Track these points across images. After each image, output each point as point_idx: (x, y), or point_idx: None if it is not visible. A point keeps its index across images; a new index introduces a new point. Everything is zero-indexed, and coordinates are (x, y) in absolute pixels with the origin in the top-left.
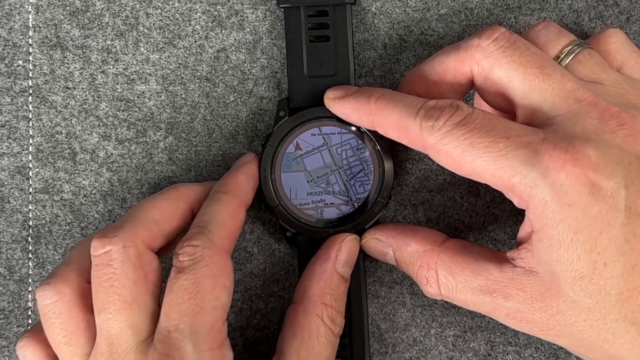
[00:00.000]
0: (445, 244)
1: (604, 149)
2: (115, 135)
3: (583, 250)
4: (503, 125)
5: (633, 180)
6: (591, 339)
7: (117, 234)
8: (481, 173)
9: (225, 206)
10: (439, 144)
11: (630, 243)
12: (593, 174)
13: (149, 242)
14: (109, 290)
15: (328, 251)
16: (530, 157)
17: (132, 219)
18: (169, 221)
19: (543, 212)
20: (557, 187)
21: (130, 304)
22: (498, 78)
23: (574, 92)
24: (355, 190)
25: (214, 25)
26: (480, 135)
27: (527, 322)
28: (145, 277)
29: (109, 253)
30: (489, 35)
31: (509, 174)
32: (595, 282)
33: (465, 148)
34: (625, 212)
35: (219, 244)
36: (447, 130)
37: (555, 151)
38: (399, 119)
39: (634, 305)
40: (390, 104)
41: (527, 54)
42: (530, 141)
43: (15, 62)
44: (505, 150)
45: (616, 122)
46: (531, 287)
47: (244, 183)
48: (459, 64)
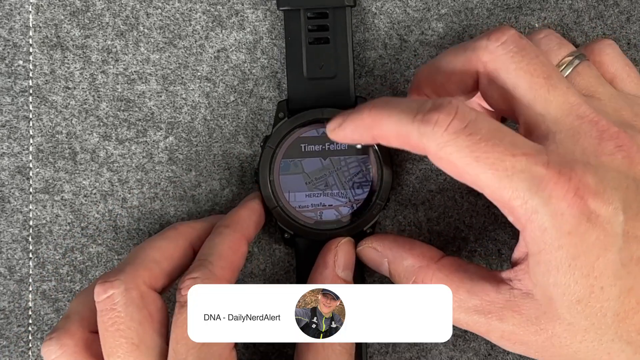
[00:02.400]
0: (442, 261)
1: (602, 174)
2: (115, 135)
3: (580, 275)
4: (509, 139)
5: (630, 205)
6: (587, 359)
7: (118, 277)
8: (482, 187)
9: (225, 239)
10: (440, 152)
11: (627, 267)
12: (592, 201)
13: (150, 282)
14: (115, 334)
15: (325, 258)
16: (534, 183)
17: (132, 261)
18: (169, 260)
19: (541, 237)
20: (557, 216)
21: (137, 346)
22: (503, 83)
23: (577, 107)
24: (354, 192)
25: (214, 25)
26: (486, 150)
27: (521, 344)
28: (151, 316)
29: (111, 297)
30: (498, 37)
31: (511, 196)
32: (592, 305)
33: (470, 161)
34: (623, 237)
35: (219, 275)
36: (450, 139)
37: (560, 179)
38: (397, 127)
39: (629, 325)
40: (385, 113)
41: (535, 62)
42: (535, 162)
43: (16, 62)
44: (511, 171)
45: (614, 143)
46: (527, 309)
47: (246, 217)
48: (466, 64)
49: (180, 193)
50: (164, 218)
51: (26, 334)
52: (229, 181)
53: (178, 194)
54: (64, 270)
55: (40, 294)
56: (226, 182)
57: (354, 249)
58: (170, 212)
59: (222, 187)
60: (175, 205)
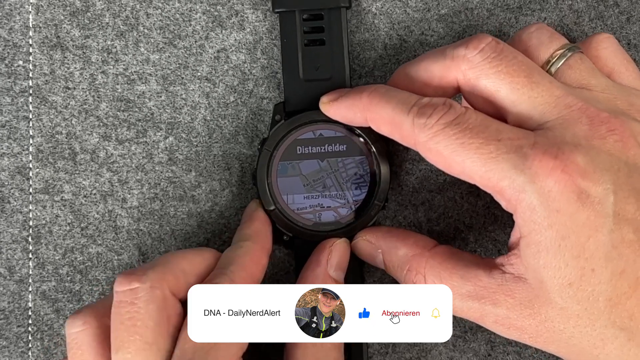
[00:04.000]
0: (435, 249)
1: (593, 155)
2: (115, 135)
3: (571, 257)
4: (495, 127)
5: (622, 187)
6: (580, 345)
7: (147, 274)
8: (470, 174)
9: (247, 250)
10: (429, 142)
11: (618, 249)
12: (581, 180)
13: (173, 289)
14: (130, 329)
15: (319, 257)
16: (519, 162)
17: (163, 264)
18: (196, 275)
19: (531, 217)
20: (545, 193)
21: (150, 345)
22: (485, 88)
23: (563, 98)
24: (352, 193)
25: (214, 25)
26: (471, 136)
27: (515, 329)
28: (168, 320)
29: (135, 290)
30: (475, 45)
31: (498, 177)
32: (584, 288)
33: (456, 148)
34: (614, 219)
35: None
36: (439, 129)
37: (544, 157)
38: (392, 114)
39: (622, 310)
40: (383, 99)
41: (513, 62)
42: (520, 145)
43: (16, 62)
44: (495, 153)
45: (606, 127)
46: (520, 293)
47: (262, 229)
48: (444, 72)
49: (180, 193)
50: (164, 218)
51: (26, 334)
52: (229, 181)
53: (178, 194)
54: (63, 271)
55: (40, 294)
56: (226, 182)
57: (349, 251)
58: (170, 212)
59: (222, 187)
60: (175, 205)
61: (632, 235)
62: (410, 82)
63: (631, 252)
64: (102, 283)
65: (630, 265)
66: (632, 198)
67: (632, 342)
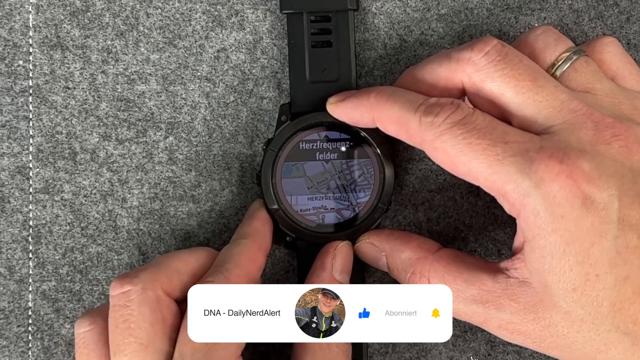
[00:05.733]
0: (439, 252)
1: (598, 161)
2: (115, 135)
3: (575, 262)
4: (502, 129)
5: (626, 192)
6: (584, 350)
7: (138, 276)
8: (476, 175)
9: (244, 249)
10: (436, 141)
11: (622, 255)
12: (586, 185)
13: (167, 290)
14: (125, 332)
15: (323, 261)
16: (525, 166)
17: (155, 265)
18: (190, 274)
19: (535, 222)
20: (550, 198)
21: (146, 347)
22: (490, 91)
23: (568, 102)
24: (356, 196)
25: (214, 25)
26: (479, 137)
27: (519, 333)
28: (163, 320)
29: (127, 293)
30: (481, 48)
31: (503, 180)
32: (588, 293)
33: (462, 148)
34: (618, 224)
35: (234, 282)
36: (446, 128)
37: (550, 161)
38: (399, 114)
39: (626, 315)
40: (391, 99)
41: (519, 66)
42: (527, 148)
43: (16, 62)
44: (502, 155)
45: (611, 133)
46: (524, 298)
47: (261, 228)
48: (450, 74)
49: (180, 193)
50: (164, 218)
51: (26, 334)
52: (229, 181)
53: (178, 194)
54: (63, 270)
55: (40, 294)
56: (226, 182)
57: (352, 253)
58: (170, 212)
59: (222, 187)
60: (175, 205)
61: (637, 241)
62: (416, 85)
63: (635, 258)
64: (102, 283)
65: (635, 271)
66: (637, 204)
67: (635, 347)
